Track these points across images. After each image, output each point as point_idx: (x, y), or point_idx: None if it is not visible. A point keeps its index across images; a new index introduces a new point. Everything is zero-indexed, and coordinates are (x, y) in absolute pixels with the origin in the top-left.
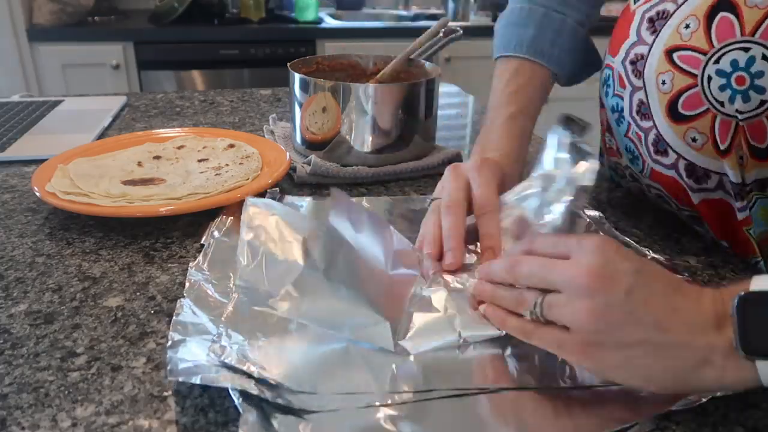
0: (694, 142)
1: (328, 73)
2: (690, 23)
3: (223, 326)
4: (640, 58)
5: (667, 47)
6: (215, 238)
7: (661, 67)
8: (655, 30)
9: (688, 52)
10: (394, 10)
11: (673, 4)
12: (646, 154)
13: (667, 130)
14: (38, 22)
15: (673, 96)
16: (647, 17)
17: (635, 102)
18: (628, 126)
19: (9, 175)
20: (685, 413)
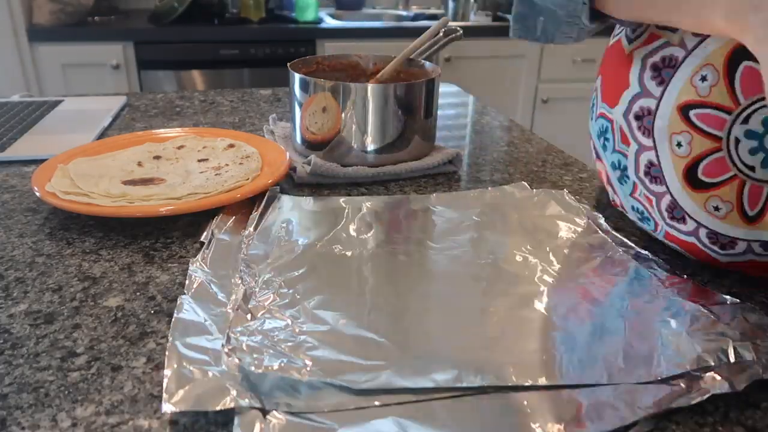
0: (717, 211)
1: (328, 73)
2: (707, 74)
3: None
4: (647, 113)
5: (680, 103)
6: (215, 237)
7: (675, 126)
8: (662, 81)
9: (709, 110)
10: (394, 10)
11: (681, 49)
12: (659, 218)
13: (683, 198)
14: (38, 22)
15: (692, 161)
16: (650, 63)
17: (643, 163)
18: (634, 186)
19: (9, 175)
20: (685, 413)
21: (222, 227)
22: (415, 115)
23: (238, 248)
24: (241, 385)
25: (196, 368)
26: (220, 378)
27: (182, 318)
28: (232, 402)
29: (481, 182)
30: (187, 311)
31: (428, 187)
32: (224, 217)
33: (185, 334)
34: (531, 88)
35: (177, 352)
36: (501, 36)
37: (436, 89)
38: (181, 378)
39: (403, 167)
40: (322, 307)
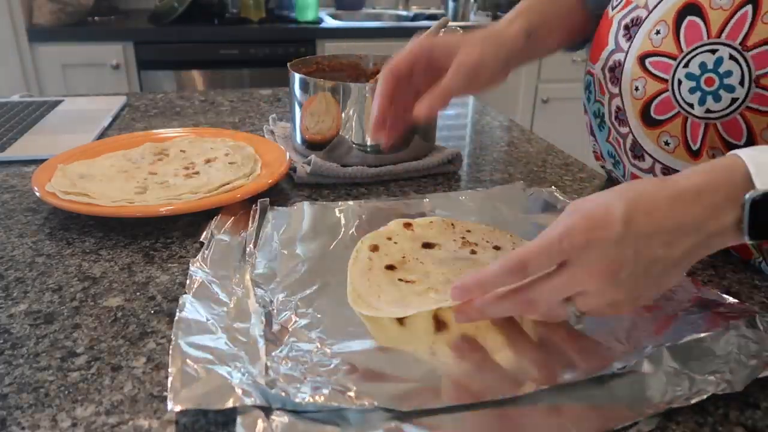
0: (666, 145)
1: (328, 73)
2: (660, 29)
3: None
4: (618, 65)
5: (639, 53)
6: (215, 238)
7: (634, 73)
8: (630, 37)
9: (659, 58)
10: (393, 10)
11: (644, 10)
12: (626, 159)
13: (641, 135)
14: (38, 22)
15: (646, 101)
16: (623, 24)
17: (613, 108)
18: (609, 131)
19: (9, 175)
20: (685, 413)
21: (221, 227)
22: None
23: (237, 249)
24: (246, 384)
25: (200, 367)
26: (224, 377)
27: (185, 317)
28: (237, 401)
29: (481, 182)
30: (189, 310)
31: (428, 187)
32: (223, 218)
33: (188, 332)
34: (531, 88)
35: (181, 351)
36: None
37: None
38: (185, 377)
39: (403, 167)
40: (347, 325)
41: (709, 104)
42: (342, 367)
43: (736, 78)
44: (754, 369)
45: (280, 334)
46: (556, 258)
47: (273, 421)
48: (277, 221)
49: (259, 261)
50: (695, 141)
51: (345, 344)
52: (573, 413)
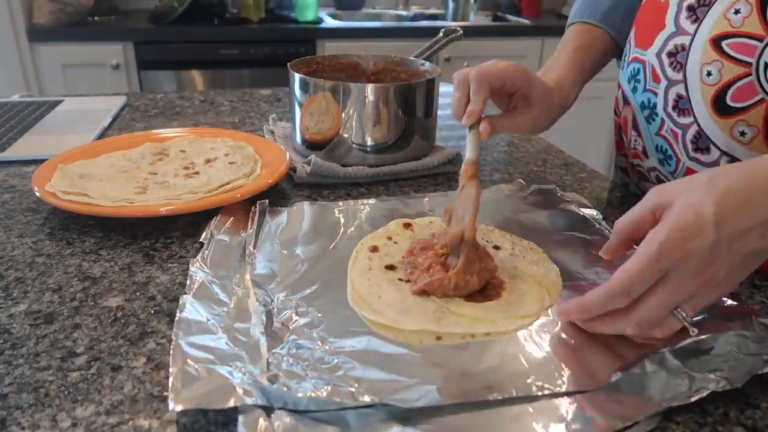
0: (742, 136)
1: (328, 73)
2: (740, 8)
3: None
4: (681, 49)
5: (713, 35)
6: (215, 238)
7: (705, 57)
8: (696, 18)
9: (740, 39)
10: (393, 10)
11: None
12: (682, 153)
13: (710, 125)
14: (38, 22)
15: (721, 88)
16: (686, 5)
17: (671, 97)
18: (662, 123)
19: (9, 175)
20: (685, 413)
21: (221, 228)
22: (415, 115)
23: (237, 249)
24: (247, 383)
25: (201, 367)
26: (225, 377)
27: (185, 317)
28: (238, 401)
29: (481, 182)
30: (189, 311)
31: (428, 187)
32: (223, 218)
33: (189, 333)
34: None
35: (181, 351)
36: (501, 36)
37: (436, 89)
38: (186, 377)
39: (403, 167)
40: (348, 324)
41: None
42: (343, 364)
43: None
44: (753, 366)
45: (281, 332)
46: (657, 275)
47: (274, 421)
48: (276, 221)
49: (259, 261)
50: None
51: (346, 342)
52: (574, 412)
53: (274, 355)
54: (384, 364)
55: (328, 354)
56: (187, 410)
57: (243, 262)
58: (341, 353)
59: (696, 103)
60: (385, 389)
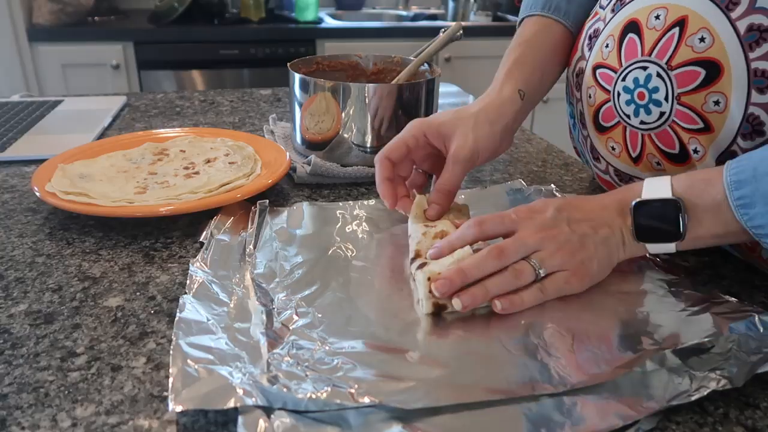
0: (613, 150)
1: (328, 73)
2: (609, 43)
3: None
4: (581, 72)
5: (593, 64)
6: (215, 238)
7: (588, 81)
8: (591, 46)
9: (605, 70)
10: (393, 10)
11: (602, 22)
12: (589, 159)
13: (595, 139)
14: (38, 22)
15: (596, 108)
16: (588, 33)
17: (578, 112)
18: (579, 132)
19: (9, 175)
20: (685, 413)
21: (221, 228)
22: (415, 115)
23: (237, 249)
24: (247, 383)
25: (201, 367)
26: (225, 377)
27: (185, 317)
28: (238, 401)
29: (481, 182)
30: (189, 311)
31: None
32: (223, 218)
33: (188, 333)
34: None
35: (181, 351)
36: (501, 36)
37: (436, 89)
38: (186, 377)
39: None
40: (348, 325)
41: (642, 116)
42: (343, 365)
43: (662, 94)
44: (754, 365)
45: (281, 333)
46: (507, 224)
47: (274, 422)
48: (276, 222)
49: (259, 261)
50: (635, 148)
51: (346, 343)
52: (574, 411)
53: (274, 356)
54: (384, 364)
55: (328, 354)
56: (187, 410)
57: (243, 262)
58: (341, 354)
59: (587, 120)
60: (384, 390)
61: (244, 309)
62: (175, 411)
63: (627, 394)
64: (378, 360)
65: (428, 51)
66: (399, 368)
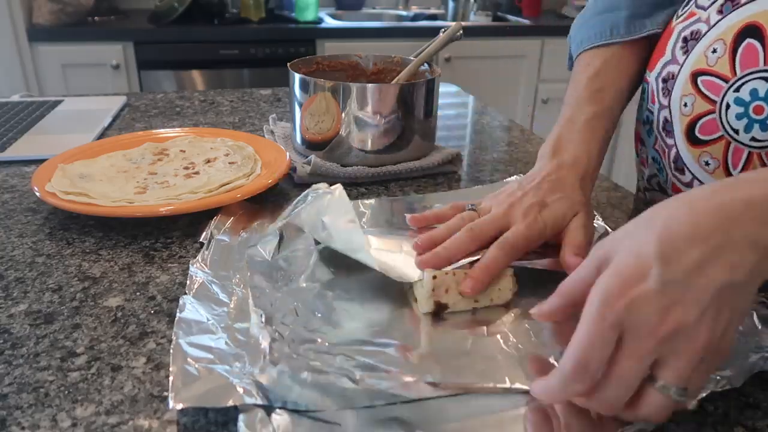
0: (707, 165)
1: (328, 73)
2: (717, 47)
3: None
4: (671, 77)
5: (693, 70)
6: (215, 238)
7: (685, 89)
8: (687, 50)
9: (711, 78)
10: (394, 10)
11: (705, 24)
12: (668, 168)
13: (684, 151)
14: (38, 22)
15: (692, 119)
16: (683, 36)
17: (662, 119)
18: (656, 139)
19: (9, 175)
20: (684, 413)
21: (221, 228)
22: (415, 115)
23: (237, 249)
24: (247, 383)
25: (201, 366)
26: (225, 376)
27: (185, 317)
28: (238, 400)
29: (481, 182)
30: (189, 311)
31: (428, 187)
32: (223, 218)
33: (189, 332)
34: (531, 88)
35: (181, 351)
36: (501, 36)
37: (436, 89)
38: (186, 376)
39: (403, 167)
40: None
41: (755, 132)
42: (344, 365)
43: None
44: (753, 365)
45: (282, 332)
46: (610, 339)
47: (274, 420)
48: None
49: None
50: (736, 166)
51: (346, 341)
52: (573, 411)
53: (274, 355)
54: (383, 362)
55: (328, 354)
56: (187, 410)
57: (244, 263)
58: (341, 354)
59: (675, 129)
60: (384, 387)
61: (244, 309)
62: (176, 409)
63: None
64: (378, 359)
65: (428, 51)
66: (398, 364)
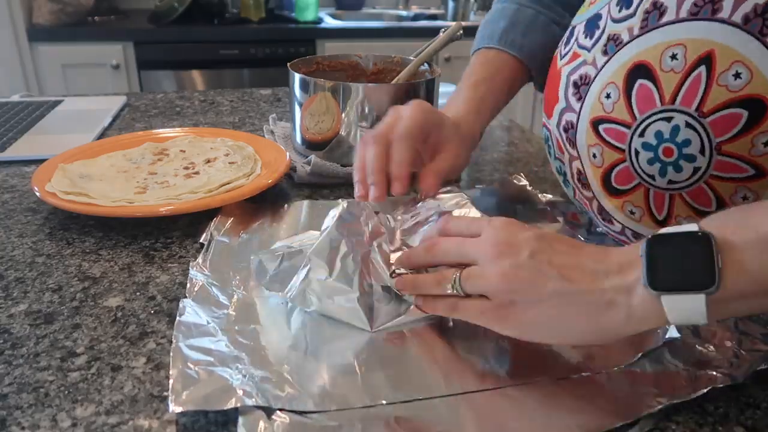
0: (632, 214)
1: (328, 73)
2: (611, 92)
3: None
4: (571, 126)
5: (592, 118)
6: (215, 240)
7: (589, 139)
8: (580, 97)
9: (613, 125)
10: (394, 10)
11: (593, 68)
12: (597, 220)
13: (606, 203)
14: (38, 22)
15: (605, 170)
16: (572, 81)
17: (575, 170)
18: (574, 191)
19: (9, 175)
20: (684, 413)
21: (221, 228)
22: None
23: (237, 250)
24: (247, 385)
25: (201, 369)
26: (225, 378)
27: (184, 321)
28: (239, 402)
29: (481, 182)
30: (189, 314)
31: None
32: (223, 218)
33: (188, 335)
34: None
35: (181, 354)
36: None
37: (436, 89)
38: (186, 379)
39: None
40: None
41: (670, 175)
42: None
43: (696, 147)
44: (753, 363)
45: (282, 332)
46: (475, 229)
47: (274, 422)
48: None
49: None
50: (660, 211)
51: (346, 343)
52: (574, 409)
53: (275, 356)
54: (384, 363)
55: (328, 355)
56: (187, 411)
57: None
58: (342, 354)
59: (591, 181)
60: (384, 388)
61: (244, 311)
62: (175, 412)
63: (628, 393)
64: (378, 358)
65: (428, 51)
66: (399, 366)
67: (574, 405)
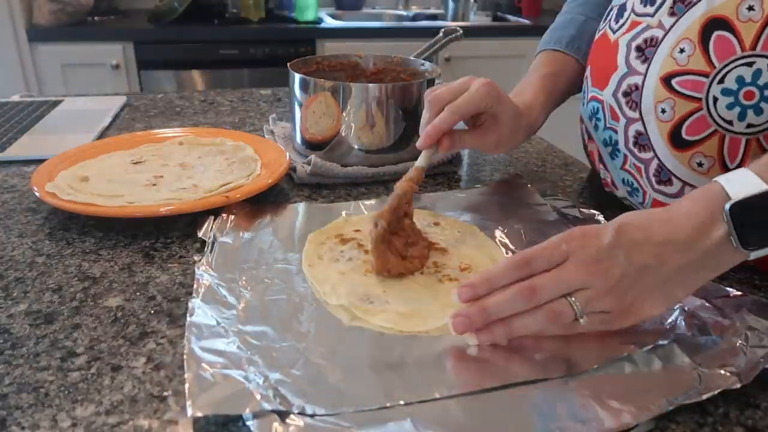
0: (700, 166)
1: (328, 73)
2: (684, 47)
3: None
4: (635, 89)
5: (663, 74)
6: (218, 240)
7: (659, 95)
8: (646, 59)
9: (689, 77)
10: (393, 10)
11: (659, 30)
12: (647, 185)
13: (669, 159)
14: (38, 22)
15: (676, 123)
16: (634, 46)
17: (631, 134)
18: (625, 158)
19: (9, 175)
20: (685, 413)
21: (222, 228)
22: (415, 115)
23: (241, 250)
24: (262, 388)
25: (216, 372)
26: (240, 381)
27: (195, 321)
28: (256, 406)
29: (481, 182)
30: (199, 315)
31: (428, 187)
32: (223, 218)
33: (200, 336)
34: None
35: (195, 356)
36: (501, 36)
37: None
38: (202, 382)
39: (403, 167)
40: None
41: (750, 119)
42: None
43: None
44: (760, 360)
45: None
46: (557, 257)
47: (289, 426)
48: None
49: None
50: (734, 158)
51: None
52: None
53: (287, 358)
54: (394, 365)
55: (340, 357)
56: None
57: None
58: (353, 356)
59: (654, 139)
60: (397, 390)
61: (253, 312)
62: (176, 409)
63: (635, 393)
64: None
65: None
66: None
67: (583, 405)
